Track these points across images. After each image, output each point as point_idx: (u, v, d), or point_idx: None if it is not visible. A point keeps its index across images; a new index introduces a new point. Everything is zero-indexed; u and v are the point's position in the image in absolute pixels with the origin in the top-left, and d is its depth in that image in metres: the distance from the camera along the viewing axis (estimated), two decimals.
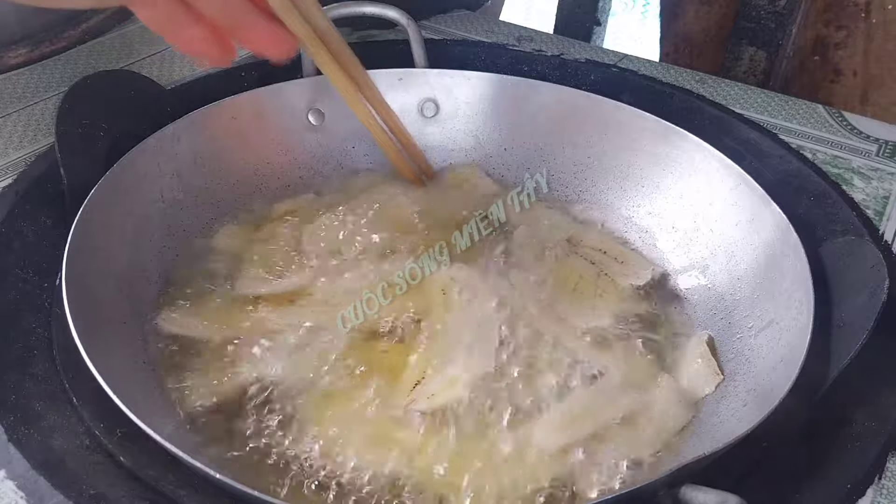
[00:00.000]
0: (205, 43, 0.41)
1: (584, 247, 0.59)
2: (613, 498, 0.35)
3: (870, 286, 0.44)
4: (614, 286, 0.55)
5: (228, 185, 0.60)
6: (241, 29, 0.41)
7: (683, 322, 0.54)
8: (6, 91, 0.67)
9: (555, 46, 0.79)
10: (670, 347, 0.51)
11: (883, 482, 0.40)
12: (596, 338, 0.51)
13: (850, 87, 0.88)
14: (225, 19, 0.41)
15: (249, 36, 0.42)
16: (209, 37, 0.41)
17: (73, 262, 0.45)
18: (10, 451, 0.39)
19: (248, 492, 0.34)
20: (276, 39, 0.43)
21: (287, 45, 0.44)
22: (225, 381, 0.47)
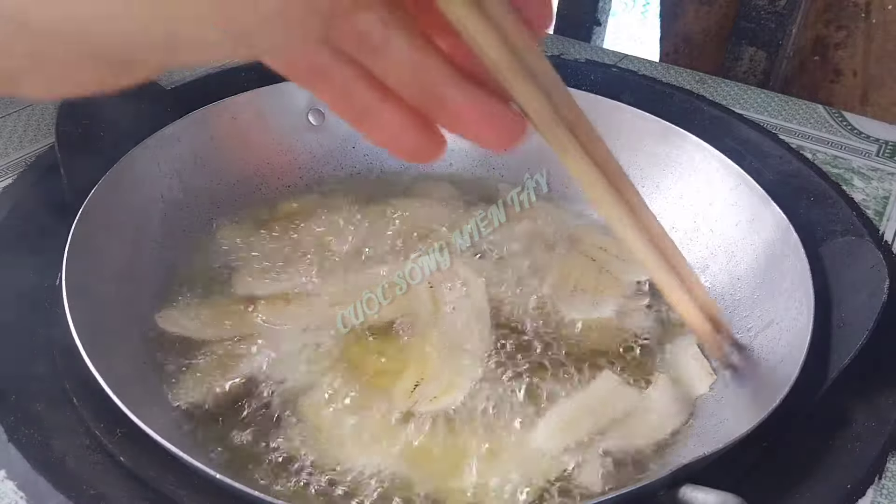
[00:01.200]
0: (401, 129, 0.30)
1: (585, 244, 0.59)
2: (613, 498, 0.35)
3: (870, 286, 0.44)
4: (616, 282, 0.56)
5: (228, 185, 0.60)
6: (444, 107, 0.29)
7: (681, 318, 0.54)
8: None
9: (555, 46, 0.79)
10: (668, 345, 0.51)
11: (883, 482, 0.40)
12: (594, 335, 0.51)
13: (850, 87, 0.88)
14: (420, 93, 0.29)
15: (457, 116, 0.30)
16: (406, 121, 0.30)
17: (73, 262, 0.45)
18: (11, 452, 0.39)
19: (248, 492, 0.34)
20: (498, 121, 0.30)
21: (514, 129, 0.31)
22: (225, 381, 0.47)
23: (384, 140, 0.30)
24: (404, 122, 0.30)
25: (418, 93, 0.29)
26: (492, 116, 0.30)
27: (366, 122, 0.30)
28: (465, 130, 0.30)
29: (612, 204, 0.37)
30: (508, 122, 0.30)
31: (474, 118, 0.29)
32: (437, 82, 0.28)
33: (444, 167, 0.67)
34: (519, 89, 0.30)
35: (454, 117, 0.29)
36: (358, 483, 0.41)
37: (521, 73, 0.30)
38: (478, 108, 0.29)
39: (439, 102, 0.29)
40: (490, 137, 0.30)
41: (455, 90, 0.29)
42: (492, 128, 0.30)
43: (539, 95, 0.31)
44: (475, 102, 0.29)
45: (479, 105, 0.29)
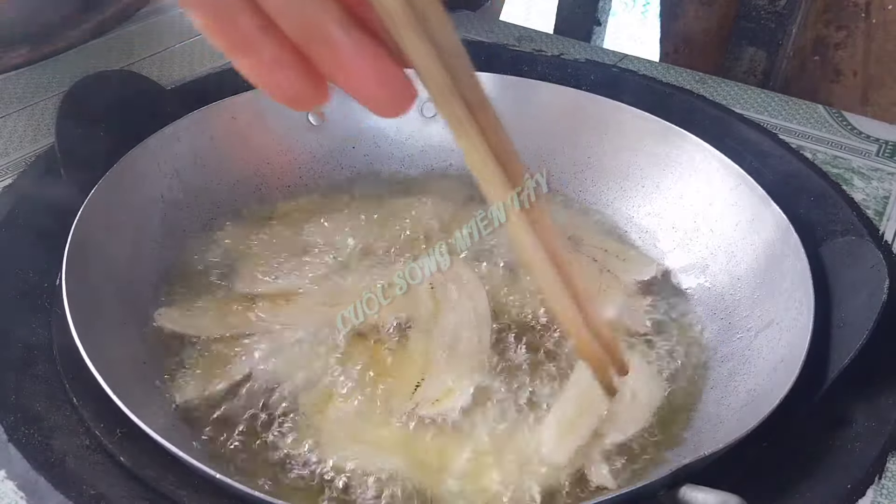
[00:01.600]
0: (278, 66, 0.27)
1: (585, 245, 0.59)
2: (613, 498, 0.35)
3: (870, 286, 0.44)
4: (618, 282, 0.56)
5: (228, 185, 0.60)
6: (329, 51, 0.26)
7: (686, 314, 0.54)
8: (6, 91, 0.67)
9: (555, 46, 0.79)
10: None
11: (883, 482, 0.40)
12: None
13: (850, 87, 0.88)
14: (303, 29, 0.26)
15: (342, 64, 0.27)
16: (285, 58, 0.27)
17: (73, 262, 0.45)
18: (11, 451, 0.39)
19: (248, 492, 0.34)
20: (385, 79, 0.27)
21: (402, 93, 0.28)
22: (225, 380, 0.47)
23: (258, 75, 0.27)
24: (283, 59, 0.27)
25: (301, 29, 0.26)
26: (379, 72, 0.27)
27: (240, 52, 0.27)
28: (349, 83, 0.27)
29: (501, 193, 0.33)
30: (397, 83, 0.27)
31: (360, 70, 0.26)
32: (324, 21, 0.26)
33: (443, 167, 0.67)
34: (413, 47, 0.27)
35: (339, 65, 0.27)
36: (359, 484, 0.41)
37: (418, 29, 0.27)
38: (366, 59, 0.26)
39: (324, 45, 0.26)
40: (375, 96, 0.27)
41: (343, 34, 0.26)
42: (378, 85, 0.27)
43: (435, 59, 0.28)
44: (364, 53, 0.26)
45: (368, 57, 0.26)
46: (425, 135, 0.66)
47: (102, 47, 0.75)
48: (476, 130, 0.30)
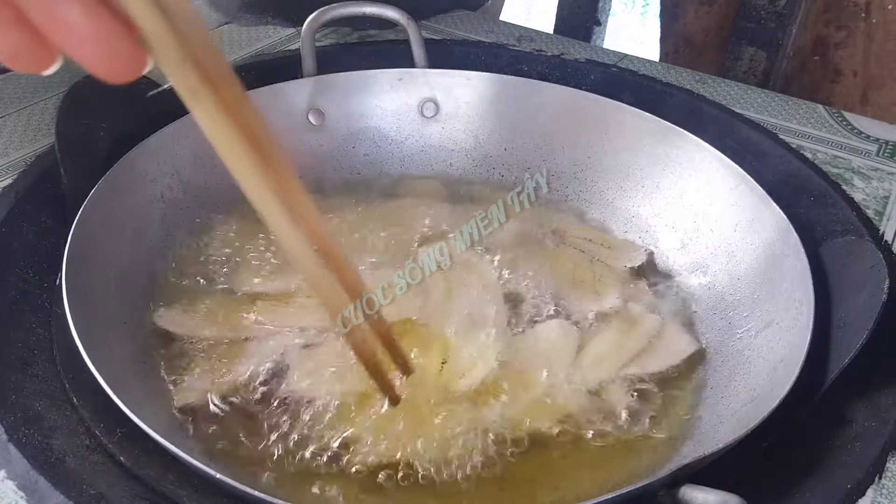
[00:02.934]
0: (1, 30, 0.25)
1: (570, 237, 0.60)
2: (613, 498, 0.35)
3: (870, 286, 0.44)
4: (610, 270, 0.56)
5: (228, 185, 0.59)
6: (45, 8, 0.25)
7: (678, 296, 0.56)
8: (6, 91, 0.67)
9: (555, 46, 0.79)
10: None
11: (883, 482, 0.40)
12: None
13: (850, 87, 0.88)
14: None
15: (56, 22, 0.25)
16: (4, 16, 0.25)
17: (73, 262, 0.44)
18: (11, 451, 0.39)
19: (248, 492, 0.34)
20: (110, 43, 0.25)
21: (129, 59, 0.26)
22: (225, 380, 0.47)
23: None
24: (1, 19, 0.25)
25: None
26: (103, 31, 0.25)
27: None
28: (68, 43, 0.25)
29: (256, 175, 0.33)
30: (117, 44, 0.25)
31: (82, 28, 0.25)
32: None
33: (443, 167, 0.67)
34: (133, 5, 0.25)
35: (59, 23, 0.25)
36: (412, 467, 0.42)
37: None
38: (87, 16, 0.25)
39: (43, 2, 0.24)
40: (99, 61, 0.26)
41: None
42: (102, 49, 0.25)
43: (162, 20, 0.26)
44: (85, 9, 0.25)
45: (89, 13, 0.25)
46: (425, 135, 0.66)
47: None
48: (216, 104, 0.28)
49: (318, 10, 0.63)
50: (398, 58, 0.66)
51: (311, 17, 0.63)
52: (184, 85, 0.27)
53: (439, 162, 0.67)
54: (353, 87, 0.64)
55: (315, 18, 0.63)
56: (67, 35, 0.25)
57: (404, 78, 0.65)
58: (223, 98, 0.28)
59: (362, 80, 0.64)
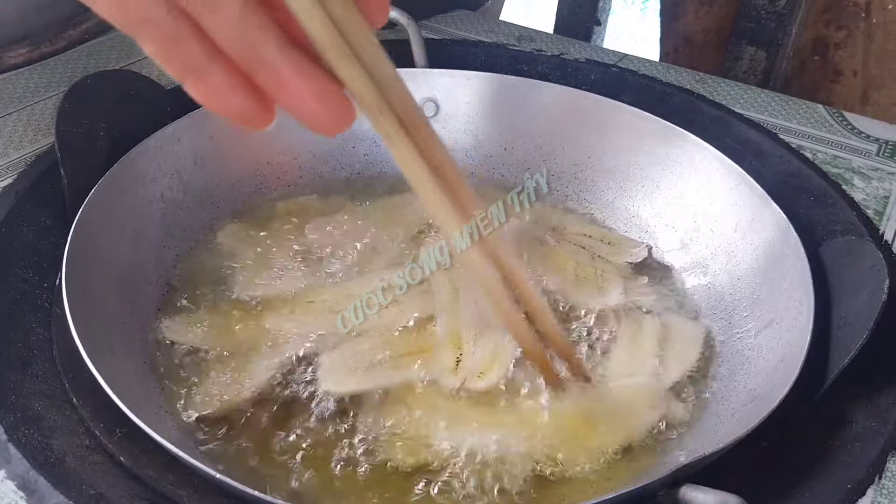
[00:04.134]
0: (227, 89, 0.29)
1: (569, 234, 0.60)
2: (613, 498, 0.35)
3: (870, 286, 0.44)
4: (612, 266, 0.56)
5: (228, 185, 0.60)
6: (270, 73, 0.29)
7: (679, 290, 0.56)
8: (6, 91, 0.67)
9: (555, 46, 0.79)
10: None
11: (883, 482, 0.40)
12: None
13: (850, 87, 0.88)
14: (246, 54, 0.29)
15: (283, 84, 0.29)
16: (232, 81, 0.29)
17: (73, 262, 0.44)
18: (10, 451, 0.39)
19: (248, 492, 0.34)
20: (324, 98, 0.30)
21: (341, 111, 0.30)
22: (233, 391, 0.46)
23: (209, 99, 0.30)
24: (230, 83, 0.29)
25: (244, 53, 0.29)
26: (318, 92, 0.29)
27: (191, 78, 0.30)
28: (290, 102, 0.30)
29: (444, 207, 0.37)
30: (335, 102, 0.30)
31: (299, 90, 0.29)
32: (264, 44, 0.28)
33: None
34: (341, 67, 0.30)
35: (280, 86, 0.29)
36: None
37: (344, 51, 0.30)
38: (304, 79, 0.29)
39: (265, 67, 0.29)
40: (312, 114, 0.30)
41: (281, 56, 0.29)
42: (317, 104, 0.30)
43: (362, 75, 0.31)
44: (302, 73, 0.29)
45: (306, 77, 0.29)
46: None
47: (102, 47, 0.75)
48: (409, 146, 0.34)
49: None
50: (398, 58, 0.66)
51: None
52: (381, 130, 0.33)
53: None
54: None
55: None
56: (291, 96, 0.29)
57: (404, 78, 0.65)
58: (415, 140, 0.34)
59: None
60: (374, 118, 0.33)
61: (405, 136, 0.34)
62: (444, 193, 0.37)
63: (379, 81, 0.32)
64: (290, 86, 0.29)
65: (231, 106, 0.30)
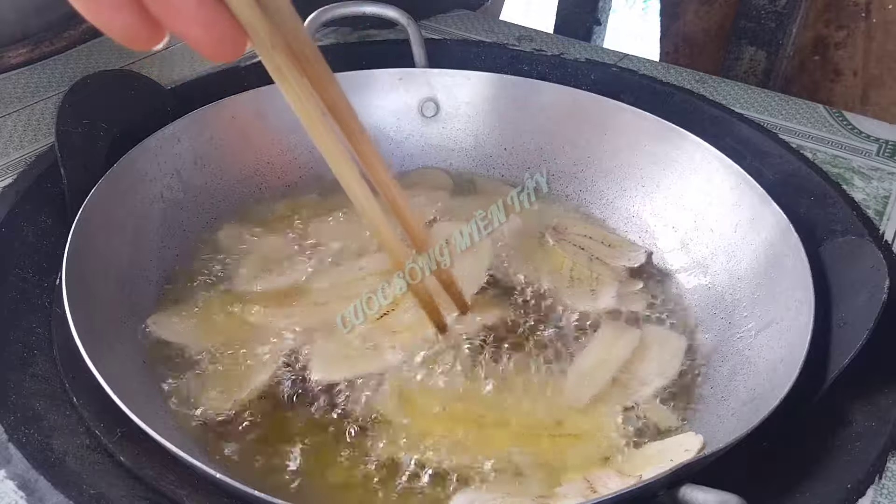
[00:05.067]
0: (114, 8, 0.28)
1: (569, 233, 0.60)
2: (613, 498, 0.35)
3: (870, 286, 0.44)
4: (609, 269, 0.56)
5: (228, 185, 0.60)
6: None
7: (675, 297, 0.56)
8: (6, 91, 0.67)
9: (555, 46, 0.79)
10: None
11: (883, 482, 0.40)
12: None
13: (851, 86, 0.88)
14: None
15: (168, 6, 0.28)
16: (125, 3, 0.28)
17: (73, 262, 0.44)
18: (10, 451, 0.39)
19: (248, 492, 0.34)
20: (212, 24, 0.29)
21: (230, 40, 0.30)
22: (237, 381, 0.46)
23: (95, 16, 0.28)
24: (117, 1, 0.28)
25: None
26: (206, 19, 0.29)
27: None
28: (177, 26, 0.29)
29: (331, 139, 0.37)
30: (224, 29, 0.29)
31: (187, 14, 0.28)
32: None
33: (443, 166, 0.67)
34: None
35: (167, 7, 0.28)
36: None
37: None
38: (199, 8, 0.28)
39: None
40: (203, 42, 0.29)
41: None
42: (205, 31, 0.29)
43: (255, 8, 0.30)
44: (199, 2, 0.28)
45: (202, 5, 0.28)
46: (425, 134, 0.66)
47: (102, 47, 0.75)
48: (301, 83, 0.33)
49: (318, 9, 0.63)
50: (398, 57, 0.66)
51: (311, 17, 0.63)
52: (271, 64, 0.32)
53: (439, 161, 0.67)
54: (353, 86, 0.64)
55: (315, 18, 0.63)
56: (178, 19, 0.28)
57: (404, 78, 0.65)
58: (308, 76, 0.34)
59: (362, 79, 0.64)
60: (265, 51, 0.32)
61: (297, 71, 0.33)
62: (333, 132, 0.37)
63: (271, 14, 0.31)
64: (177, 9, 0.28)
65: (116, 23, 0.29)
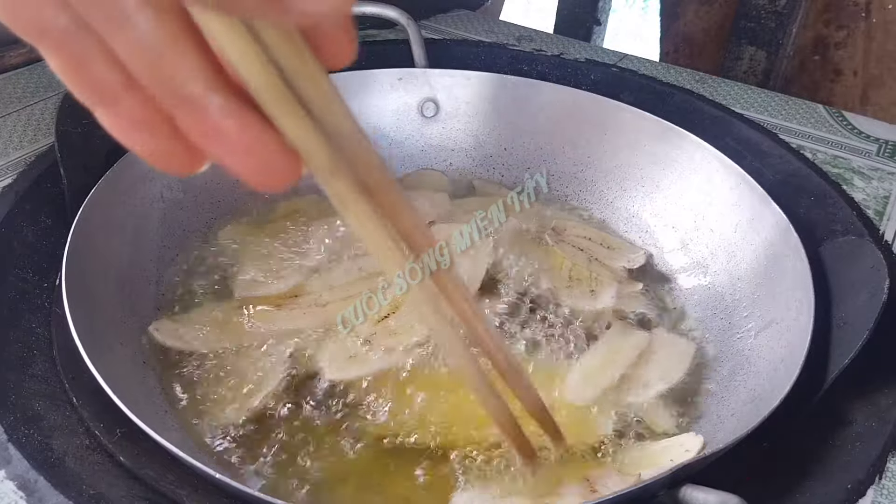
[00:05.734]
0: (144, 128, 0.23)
1: (568, 234, 0.60)
2: (613, 498, 0.35)
3: (870, 286, 0.44)
4: (608, 270, 0.56)
5: (228, 185, 0.60)
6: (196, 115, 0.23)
7: (675, 298, 0.56)
8: (6, 91, 0.67)
9: (555, 46, 0.79)
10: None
11: (883, 482, 0.40)
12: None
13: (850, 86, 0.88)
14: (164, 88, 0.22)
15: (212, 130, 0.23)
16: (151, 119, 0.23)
17: (73, 262, 0.44)
18: (10, 451, 0.39)
19: (248, 492, 0.34)
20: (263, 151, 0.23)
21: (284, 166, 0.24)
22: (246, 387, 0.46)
23: (123, 134, 0.24)
24: (147, 120, 0.23)
25: (160, 85, 0.22)
26: (252, 143, 0.23)
27: (101, 106, 0.23)
28: (217, 152, 0.23)
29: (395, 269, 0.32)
30: (273, 155, 0.24)
31: (228, 138, 0.23)
32: (186, 79, 0.22)
33: (443, 166, 0.67)
34: (283, 120, 0.24)
35: (204, 130, 0.23)
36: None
37: (288, 101, 0.23)
38: (239, 127, 0.23)
39: (187, 106, 0.22)
40: (248, 170, 0.24)
41: (212, 96, 0.22)
42: (247, 156, 0.23)
43: (310, 129, 0.24)
44: (237, 120, 0.23)
45: (241, 125, 0.23)
46: (425, 135, 0.66)
47: None
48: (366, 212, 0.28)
49: None
50: (398, 58, 0.66)
51: None
52: (331, 191, 0.27)
53: (439, 162, 0.67)
54: (353, 86, 0.64)
55: None
56: (219, 146, 0.23)
57: (404, 78, 0.65)
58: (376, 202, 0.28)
59: (362, 79, 0.64)
60: (325, 179, 0.26)
61: (363, 201, 0.27)
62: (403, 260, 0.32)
63: (333, 137, 0.25)
64: (218, 133, 0.23)
65: (146, 146, 0.24)
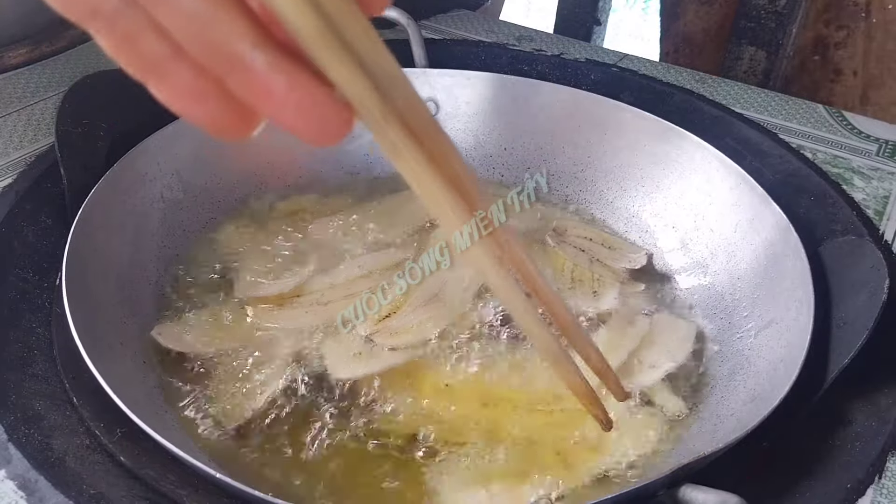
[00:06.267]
0: (195, 94, 0.24)
1: (569, 235, 0.60)
2: (613, 498, 0.35)
3: (870, 286, 0.44)
4: (610, 271, 0.56)
5: (228, 185, 0.60)
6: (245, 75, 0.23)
7: (677, 298, 0.56)
8: (6, 91, 0.67)
9: (555, 46, 0.79)
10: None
11: (883, 482, 0.40)
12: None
13: (850, 86, 0.88)
14: (211, 53, 0.23)
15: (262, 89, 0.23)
16: (202, 86, 0.24)
17: (73, 262, 0.44)
18: (10, 451, 0.39)
19: (248, 492, 0.34)
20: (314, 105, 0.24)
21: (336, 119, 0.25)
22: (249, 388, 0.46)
23: (175, 104, 0.25)
24: (199, 87, 0.24)
25: (209, 51, 0.23)
26: (304, 98, 0.24)
27: (153, 79, 0.25)
28: (270, 110, 0.24)
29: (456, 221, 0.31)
30: (326, 109, 0.24)
31: (280, 96, 0.23)
32: (232, 41, 0.23)
33: None
34: (333, 66, 0.24)
35: (256, 91, 0.24)
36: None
37: (336, 47, 0.23)
38: (286, 82, 0.23)
39: (237, 69, 0.23)
40: (297, 124, 0.24)
41: (255, 55, 0.23)
42: (298, 111, 0.24)
43: (360, 76, 0.24)
44: (282, 75, 0.23)
45: (288, 80, 0.23)
46: None
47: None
48: (418, 159, 0.27)
49: None
50: (398, 57, 0.66)
51: None
52: (385, 141, 0.27)
53: None
54: None
55: None
56: (270, 104, 0.24)
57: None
58: (429, 150, 0.27)
59: None
60: (378, 127, 0.26)
61: (415, 148, 0.27)
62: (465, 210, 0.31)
63: (381, 82, 0.25)
64: (268, 91, 0.23)
65: (200, 113, 0.25)
